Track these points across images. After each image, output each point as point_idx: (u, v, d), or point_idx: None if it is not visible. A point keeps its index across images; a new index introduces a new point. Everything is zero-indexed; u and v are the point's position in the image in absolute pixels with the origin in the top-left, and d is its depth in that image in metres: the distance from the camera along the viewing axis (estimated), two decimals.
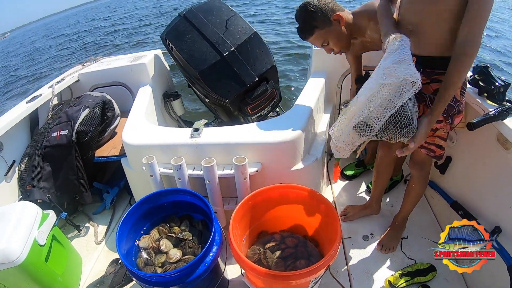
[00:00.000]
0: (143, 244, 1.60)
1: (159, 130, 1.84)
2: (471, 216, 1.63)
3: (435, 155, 1.53)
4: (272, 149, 1.65)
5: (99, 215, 2.36)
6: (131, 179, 2.08)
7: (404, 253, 1.85)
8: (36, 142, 2.22)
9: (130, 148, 1.83)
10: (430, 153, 1.53)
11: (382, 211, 2.07)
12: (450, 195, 1.87)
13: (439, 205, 2.02)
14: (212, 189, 1.68)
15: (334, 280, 1.72)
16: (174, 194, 1.61)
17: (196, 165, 1.72)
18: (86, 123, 2.08)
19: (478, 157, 1.67)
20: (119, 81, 2.49)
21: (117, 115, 2.30)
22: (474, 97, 1.57)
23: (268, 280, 1.30)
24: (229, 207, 1.81)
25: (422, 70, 1.32)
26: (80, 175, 2.08)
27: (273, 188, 1.59)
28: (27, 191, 2.11)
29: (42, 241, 1.63)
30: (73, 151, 2.04)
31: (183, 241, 1.56)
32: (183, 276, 1.34)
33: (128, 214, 1.54)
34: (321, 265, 1.30)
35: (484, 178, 1.62)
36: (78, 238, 2.21)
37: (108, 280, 1.87)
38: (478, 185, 1.66)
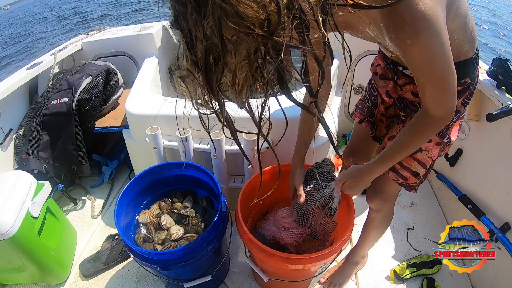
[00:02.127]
0: (142, 219, 1.44)
1: (164, 100, 1.67)
2: (480, 210, 1.53)
3: (405, 183, 1.14)
4: (284, 125, 1.47)
5: (97, 188, 2.20)
6: (133, 152, 1.92)
7: (410, 244, 1.75)
8: (34, 110, 2.06)
9: (133, 118, 1.66)
10: (400, 180, 1.14)
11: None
12: (459, 188, 1.76)
13: (446, 198, 1.91)
14: (219, 165, 1.52)
15: None
16: (179, 168, 1.46)
17: (203, 138, 1.55)
18: (88, 91, 1.90)
19: (490, 151, 1.56)
20: (124, 51, 2.30)
21: (121, 85, 2.12)
22: (492, 89, 1.46)
23: (277, 263, 1.15)
24: (234, 185, 1.66)
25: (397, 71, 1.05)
26: (79, 145, 1.91)
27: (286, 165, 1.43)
28: (23, 160, 1.96)
29: (36, 213, 1.49)
30: (72, 120, 1.87)
31: (185, 217, 1.41)
32: (185, 254, 1.19)
33: (128, 186, 1.38)
34: (334, 250, 1.17)
35: (495, 173, 1.51)
36: (74, 212, 2.06)
37: (103, 256, 1.73)
38: (489, 180, 1.55)
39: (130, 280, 1.66)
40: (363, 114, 1.30)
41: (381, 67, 1.14)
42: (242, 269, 1.65)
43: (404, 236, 1.78)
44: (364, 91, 1.31)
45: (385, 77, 1.13)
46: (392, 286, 1.57)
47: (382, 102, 1.23)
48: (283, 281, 1.34)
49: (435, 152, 1.08)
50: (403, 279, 1.57)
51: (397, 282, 1.58)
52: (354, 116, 1.35)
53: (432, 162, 1.11)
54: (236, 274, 1.64)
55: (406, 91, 1.06)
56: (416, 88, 1.02)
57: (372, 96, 1.25)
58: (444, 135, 1.04)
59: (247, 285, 1.59)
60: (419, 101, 1.04)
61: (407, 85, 1.05)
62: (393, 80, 1.09)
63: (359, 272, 1.62)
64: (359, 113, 1.32)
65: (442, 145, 1.07)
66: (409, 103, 1.08)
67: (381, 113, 1.25)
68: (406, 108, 1.09)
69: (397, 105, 1.11)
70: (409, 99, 1.07)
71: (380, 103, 1.24)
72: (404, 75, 1.04)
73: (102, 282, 1.67)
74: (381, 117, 1.26)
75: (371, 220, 1.37)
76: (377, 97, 1.24)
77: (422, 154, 1.09)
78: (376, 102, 1.25)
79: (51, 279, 1.66)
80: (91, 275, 1.69)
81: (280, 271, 1.30)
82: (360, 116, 1.31)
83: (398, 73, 1.05)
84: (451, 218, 1.83)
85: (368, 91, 1.28)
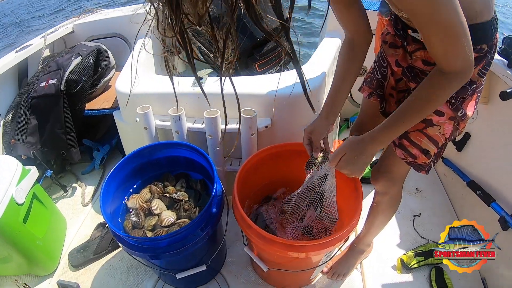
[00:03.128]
0: (131, 204, 1.31)
1: (157, 79, 1.53)
2: (489, 197, 1.43)
3: (414, 162, 1.01)
4: (284, 103, 1.34)
5: (88, 175, 2.06)
6: (124, 135, 1.78)
7: (417, 231, 1.64)
8: (23, 94, 1.93)
9: (124, 97, 1.52)
10: (409, 158, 1.01)
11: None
12: (466, 174, 1.64)
13: (453, 184, 1.80)
14: (214, 146, 1.38)
15: None
16: (171, 148, 1.32)
17: (197, 118, 1.41)
18: (77, 72, 1.77)
19: (500, 135, 1.45)
20: (116, 33, 2.16)
21: (112, 66, 1.98)
22: (503, 68, 1.36)
23: (278, 250, 1.02)
24: (231, 168, 1.53)
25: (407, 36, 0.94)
26: (68, 129, 1.78)
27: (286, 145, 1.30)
28: (11, 146, 1.84)
29: (21, 200, 1.36)
30: (61, 102, 1.74)
31: (178, 202, 1.27)
32: (176, 241, 1.06)
33: (116, 169, 1.25)
34: (340, 236, 1.04)
35: (505, 157, 1.40)
36: (64, 200, 1.93)
37: (93, 245, 1.61)
38: (499, 165, 1.45)
39: (121, 271, 1.53)
40: (371, 88, 1.16)
41: (391, 35, 1.02)
42: (240, 259, 1.52)
43: (410, 223, 1.67)
44: (373, 63, 1.18)
45: (394, 45, 1.01)
46: (399, 276, 1.46)
47: (392, 74, 1.10)
48: (284, 271, 1.21)
49: (448, 128, 0.96)
50: (410, 268, 1.45)
51: (404, 272, 1.47)
52: (362, 90, 1.21)
53: (444, 140, 0.98)
54: (234, 264, 1.51)
55: (416, 59, 0.94)
56: (427, 55, 0.91)
57: (381, 68, 1.12)
58: (458, 108, 0.91)
59: (245, 276, 1.46)
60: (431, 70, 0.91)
61: (417, 51, 0.93)
62: (403, 48, 0.98)
63: (364, 261, 1.50)
64: (368, 87, 1.18)
65: (456, 120, 0.94)
66: (420, 72, 0.95)
67: (391, 86, 1.12)
68: (416, 77, 0.96)
69: (407, 75, 0.98)
70: (419, 68, 0.94)
71: (390, 75, 1.11)
72: (414, 41, 0.92)
73: (91, 273, 1.54)
74: (391, 91, 1.12)
75: (377, 204, 1.23)
76: (386, 68, 1.11)
77: (434, 130, 0.96)
78: (386, 73, 1.12)
79: (38, 270, 1.53)
80: (80, 265, 1.56)
81: (281, 260, 1.17)
82: (368, 90, 1.17)
83: (408, 39, 0.94)
84: (458, 205, 1.72)
85: (377, 62, 1.15)
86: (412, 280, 1.44)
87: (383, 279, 1.45)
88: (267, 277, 1.40)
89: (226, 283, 1.44)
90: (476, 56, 0.83)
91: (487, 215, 1.39)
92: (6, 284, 1.52)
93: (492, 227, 1.36)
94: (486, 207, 1.39)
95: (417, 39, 0.91)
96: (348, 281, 1.44)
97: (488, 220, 1.39)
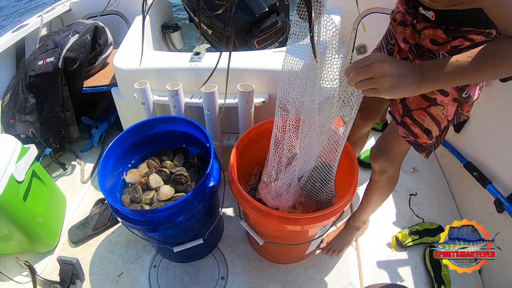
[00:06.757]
0: (129, 179, 1.30)
1: (154, 54, 1.50)
2: (486, 179, 1.40)
3: (415, 141, 1.00)
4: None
5: (87, 152, 2.04)
6: (122, 111, 1.76)
7: (413, 210, 1.64)
8: (21, 73, 1.89)
9: (122, 73, 1.50)
10: (410, 137, 1.00)
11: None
12: (463, 155, 1.62)
13: (449, 165, 1.78)
14: (211, 120, 1.36)
15: None
16: (168, 123, 1.30)
17: (195, 93, 1.39)
18: (74, 49, 1.73)
19: (498, 116, 1.42)
20: (114, 10, 2.12)
21: (110, 43, 1.94)
22: None
23: (274, 223, 1.02)
24: (228, 143, 1.52)
25: (444, 28, 0.86)
26: (66, 106, 1.75)
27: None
28: (9, 125, 1.81)
29: (20, 177, 1.35)
30: (59, 79, 1.71)
31: (176, 177, 1.26)
32: (173, 214, 1.05)
33: (113, 144, 1.23)
34: (336, 209, 1.03)
35: (503, 140, 1.38)
36: (64, 177, 1.92)
37: (92, 221, 1.61)
38: (496, 147, 1.42)
39: (120, 246, 1.54)
40: None
41: (401, 13, 1.00)
42: (237, 233, 1.53)
43: (406, 202, 1.66)
44: (380, 41, 1.16)
45: (404, 23, 0.99)
46: (393, 253, 1.47)
47: (398, 52, 1.09)
48: (280, 245, 1.21)
49: (451, 110, 0.94)
50: (405, 246, 1.46)
51: (398, 250, 1.47)
52: None
53: (446, 123, 0.97)
54: (230, 238, 1.52)
55: (424, 38, 0.91)
56: (435, 34, 0.88)
57: (388, 45, 1.11)
58: (463, 89, 0.89)
59: (241, 250, 1.47)
60: (438, 49, 0.89)
61: (426, 29, 0.90)
62: (412, 26, 0.96)
63: (360, 238, 1.51)
64: None
65: (459, 102, 0.92)
66: (426, 50, 0.93)
67: None
68: (422, 55, 0.94)
69: (413, 52, 0.97)
70: (426, 47, 0.92)
71: (396, 53, 1.09)
72: (424, 19, 0.90)
73: (91, 248, 1.55)
74: None
75: (374, 182, 1.23)
76: (393, 46, 1.09)
77: (437, 109, 0.94)
78: (393, 51, 1.10)
79: (39, 247, 1.54)
80: (80, 242, 1.57)
81: (277, 233, 1.17)
82: None
83: (418, 17, 0.91)
84: (454, 186, 1.71)
85: (384, 39, 1.13)
86: (407, 258, 1.45)
87: (378, 256, 1.45)
88: (263, 251, 1.41)
89: (223, 257, 1.45)
90: (484, 40, 0.82)
91: (482, 196, 1.39)
92: (8, 262, 1.53)
93: (487, 209, 1.36)
94: (482, 189, 1.37)
95: (427, 17, 0.88)
96: (344, 257, 1.45)
97: (483, 202, 1.39)
